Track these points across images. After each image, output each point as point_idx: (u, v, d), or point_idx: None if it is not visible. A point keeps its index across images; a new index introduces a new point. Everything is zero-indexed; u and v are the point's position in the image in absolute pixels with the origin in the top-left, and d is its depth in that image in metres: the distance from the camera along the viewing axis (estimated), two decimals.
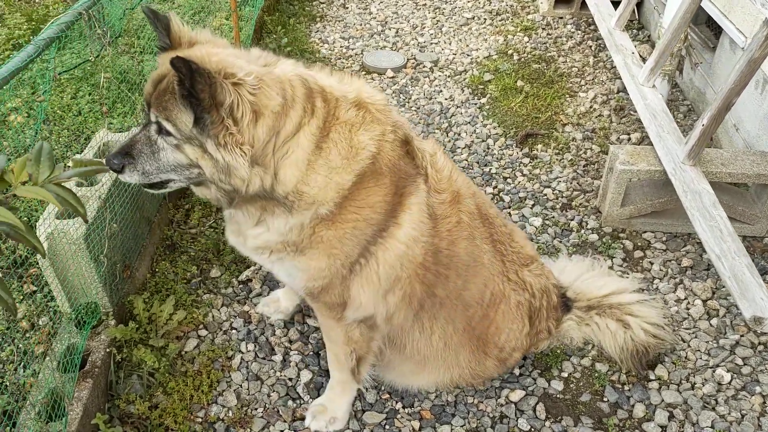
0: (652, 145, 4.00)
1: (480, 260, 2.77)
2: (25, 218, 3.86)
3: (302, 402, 3.14)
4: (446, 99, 5.66)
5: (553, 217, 4.26)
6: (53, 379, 2.85)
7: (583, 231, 4.13)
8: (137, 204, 3.54)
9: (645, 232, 4.09)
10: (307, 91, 2.21)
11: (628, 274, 3.78)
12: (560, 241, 4.06)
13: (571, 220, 4.22)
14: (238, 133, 2.04)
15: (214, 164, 2.10)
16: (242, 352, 3.35)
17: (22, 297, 3.43)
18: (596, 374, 3.23)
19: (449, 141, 5.08)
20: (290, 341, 3.43)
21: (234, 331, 3.47)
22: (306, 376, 3.23)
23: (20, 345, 3.18)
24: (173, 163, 2.17)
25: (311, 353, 3.35)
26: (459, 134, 5.17)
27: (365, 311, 2.58)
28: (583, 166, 4.70)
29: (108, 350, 3.05)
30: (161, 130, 2.14)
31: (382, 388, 3.18)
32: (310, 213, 2.29)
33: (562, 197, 4.43)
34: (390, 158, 2.36)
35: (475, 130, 5.20)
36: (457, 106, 5.54)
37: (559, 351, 3.31)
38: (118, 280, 3.25)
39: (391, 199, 2.39)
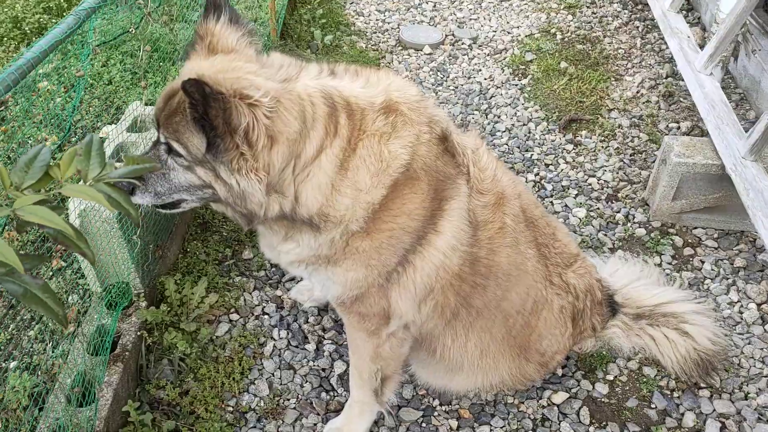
0: (706, 135, 3.78)
1: (523, 268, 2.60)
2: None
3: (336, 394, 3.03)
4: (486, 79, 5.44)
5: (598, 208, 4.07)
6: (83, 363, 2.76)
7: (629, 224, 3.94)
8: None
9: (695, 228, 3.89)
10: (329, 109, 2.05)
11: (678, 273, 3.60)
12: (605, 235, 3.88)
13: (617, 212, 4.04)
14: (252, 158, 1.91)
15: (228, 189, 1.99)
16: (274, 339, 3.25)
17: (51, 273, 3.35)
18: (644, 379, 3.08)
19: (488, 124, 4.89)
20: (324, 329, 3.32)
21: (266, 316, 3.36)
22: (340, 367, 3.12)
23: (49, 323, 3.10)
24: (185, 183, 2.07)
25: (345, 343, 3.23)
26: (499, 117, 4.97)
27: (404, 320, 2.46)
28: (630, 155, 4.49)
29: (139, 333, 2.96)
30: (171, 151, 2.03)
31: (419, 384, 3.06)
32: (340, 230, 2.16)
33: (608, 187, 4.24)
34: (426, 160, 2.19)
35: (515, 113, 4.99)
36: (497, 87, 5.32)
37: (604, 352, 3.16)
38: (150, 261, 3.15)
39: (430, 205, 2.23)
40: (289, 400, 2.99)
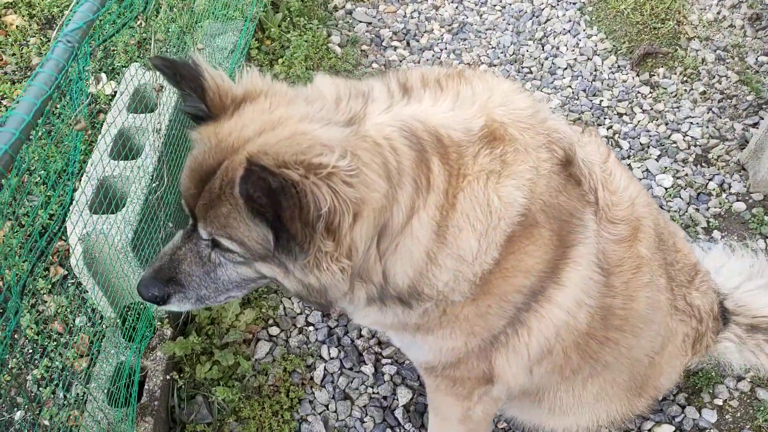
0: None
1: (657, 305, 2.12)
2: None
3: (403, 431, 2.60)
4: None
5: (686, 175, 3.46)
6: (105, 418, 2.28)
7: (725, 196, 3.36)
8: None
9: None
10: (416, 153, 1.48)
11: None
12: (697, 210, 3.31)
13: (710, 179, 3.44)
14: (335, 248, 1.39)
15: (305, 286, 1.49)
16: (324, 360, 2.76)
17: (50, 286, 2.78)
18: (758, 404, 2.66)
19: (546, 58, 4.13)
20: (380, 344, 2.83)
21: (311, 328, 2.86)
22: (404, 395, 2.67)
23: (56, 357, 2.58)
24: (238, 279, 1.60)
25: (406, 362, 2.76)
26: (557, 48, 4.20)
27: (510, 385, 1.99)
28: (719, 101, 3.81)
29: (168, 376, 2.45)
30: (218, 245, 1.50)
31: (499, 416, 2.62)
32: (435, 301, 1.68)
33: (696, 146, 3.60)
34: (546, 198, 1.66)
35: (577, 43, 4.22)
36: (552, 6, 4.50)
37: (713, 373, 2.71)
38: None
39: (552, 255, 1.72)
40: None
